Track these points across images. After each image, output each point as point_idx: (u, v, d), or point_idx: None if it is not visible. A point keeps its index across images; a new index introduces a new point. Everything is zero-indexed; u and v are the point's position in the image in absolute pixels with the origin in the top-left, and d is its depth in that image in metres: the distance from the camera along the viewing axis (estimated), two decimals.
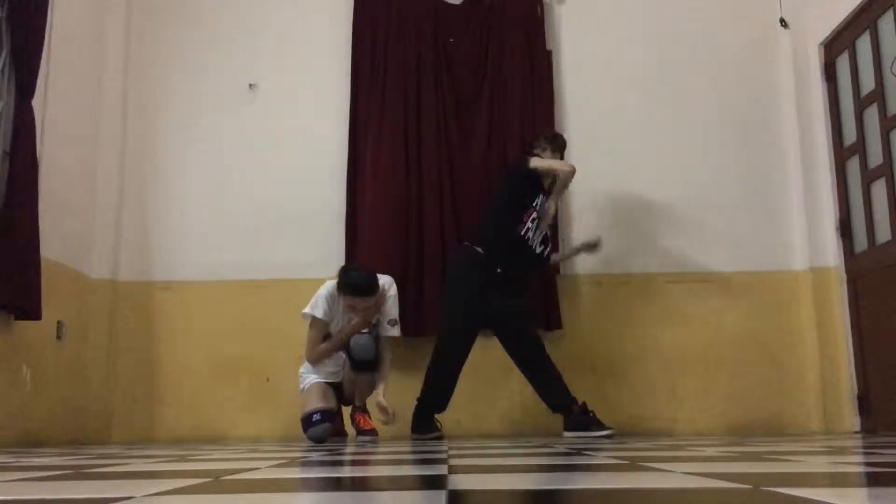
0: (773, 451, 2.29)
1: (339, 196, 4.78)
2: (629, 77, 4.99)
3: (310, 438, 3.65)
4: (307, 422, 3.66)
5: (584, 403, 3.92)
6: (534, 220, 4.07)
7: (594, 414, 3.91)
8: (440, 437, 3.93)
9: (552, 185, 4.16)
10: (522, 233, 4.04)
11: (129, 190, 4.89)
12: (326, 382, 3.87)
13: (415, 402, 4.03)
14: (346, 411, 4.06)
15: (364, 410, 3.93)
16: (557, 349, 4.62)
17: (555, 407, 3.97)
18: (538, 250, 4.10)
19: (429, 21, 4.96)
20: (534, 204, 4.09)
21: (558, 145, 4.26)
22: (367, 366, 3.83)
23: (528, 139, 4.46)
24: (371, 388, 3.92)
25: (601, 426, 3.85)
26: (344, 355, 3.90)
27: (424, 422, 3.98)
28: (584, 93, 4.98)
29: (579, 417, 3.89)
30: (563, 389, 3.95)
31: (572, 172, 4.10)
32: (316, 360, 3.88)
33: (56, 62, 4.25)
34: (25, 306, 3.79)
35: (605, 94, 4.96)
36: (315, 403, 3.70)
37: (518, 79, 4.89)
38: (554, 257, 4.33)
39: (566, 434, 3.88)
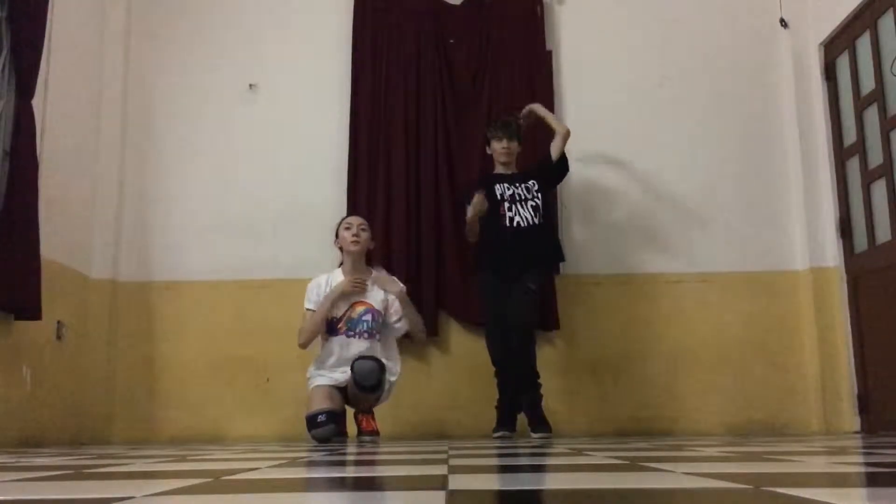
0: (773, 451, 2.29)
1: (340, 196, 4.78)
2: (629, 77, 4.99)
3: (314, 438, 3.66)
4: (312, 422, 3.66)
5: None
6: (510, 207, 4.17)
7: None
8: (503, 437, 4.00)
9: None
10: (508, 225, 4.14)
11: (129, 190, 4.89)
12: (332, 385, 3.87)
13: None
14: (350, 410, 4.05)
15: (368, 412, 3.92)
16: (557, 349, 4.64)
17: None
18: (535, 222, 4.17)
19: (429, 21, 4.96)
20: (499, 196, 4.18)
21: (506, 130, 4.28)
22: (369, 390, 3.75)
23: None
24: (376, 402, 3.90)
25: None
26: (349, 369, 3.87)
27: (499, 419, 4.11)
28: (584, 93, 4.97)
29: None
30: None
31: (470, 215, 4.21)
32: (304, 341, 3.89)
33: (56, 62, 4.25)
34: (25, 306, 3.79)
35: (605, 94, 4.96)
36: (321, 404, 3.71)
37: (518, 79, 4.88)
38: (553, 151, 4.30)
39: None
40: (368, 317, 3.90)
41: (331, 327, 3.92)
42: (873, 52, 4.24)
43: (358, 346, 3.87)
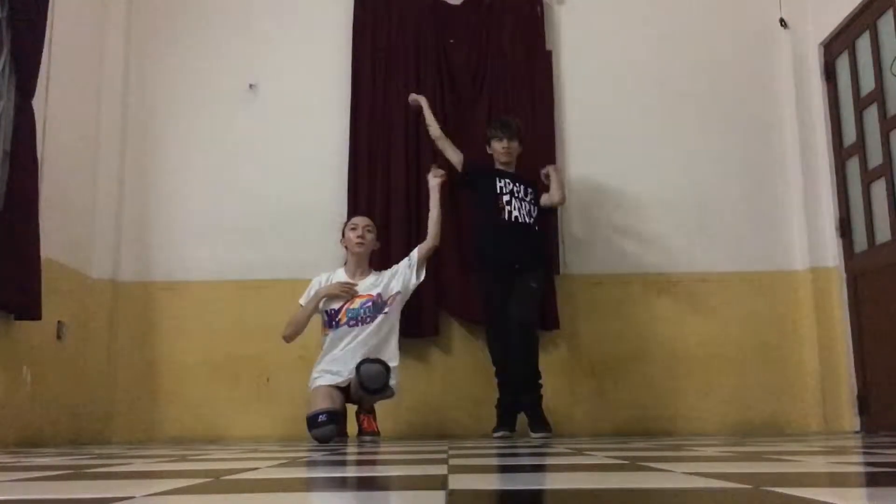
0: (773, 451, 2.29)
1: (340, 196, 4.78)
2: (629, 77, 4.99)
3: (315, 438, 3.66)
4: (313, 422, 3.66)
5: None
6: (509, 201, 4.16)
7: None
8: (503, 437, 4.01)
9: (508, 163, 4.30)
10: (507, 218, 4.14)
11: (129, 190, 4.89)
12: (334, 385, 3.87)
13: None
14: (350, 410, 4.05)
15: (369, 412, 3.93)
16: (557, 349, 4.64)
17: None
18: (531, 222, 4.17)
19: (429, 21, 4.96)
20: (499, 189, 4.18)
21: (507, 130, 4.28)
22: (374, 392, 3.78)
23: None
24: (379, 399, 3.92)
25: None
26: (353, 365, 3.87)
27: (499, 419, 4.12)
28: (584, 93, 4.97)
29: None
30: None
31: (457, 162, 4.33)
32: (286, 334, 3.98)
33: (56, 62, 4.25)
34: (25, 306, 3.79)
35: (605, 95, 4.96)
36: (321, 404, 3.71)
37: (518, 79, 4.88)
38: (544, 200, 4.30)
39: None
40: (369, 304, 3.97)
41: (330, 320, 3.95)
42: (873, 52, 4.24)
43: (362, 332, 3.90)
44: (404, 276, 4.04)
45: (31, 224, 3.84)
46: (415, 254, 4.09)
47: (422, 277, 4.07)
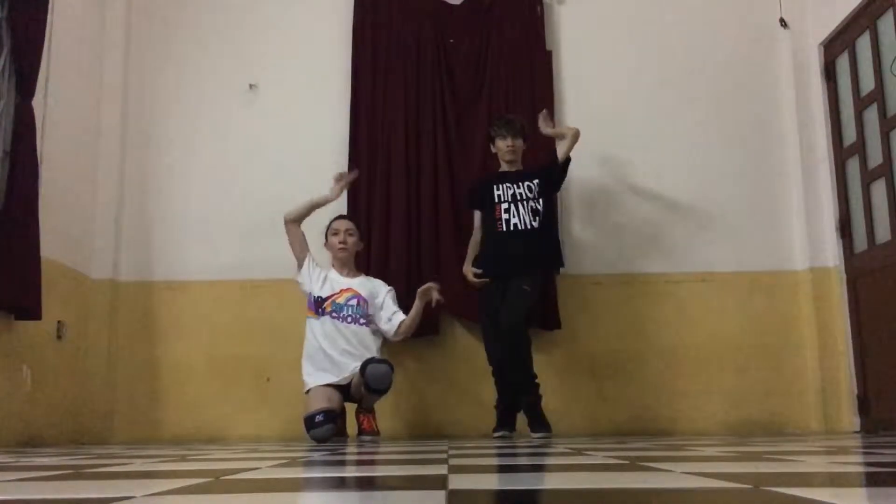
0: (773, 451, 2.29)
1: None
2: (629, 77, 4.99)
3: (313, 438, 3.66)
4: (310, 422, 3.67)
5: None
6: (507, 208, 4.14)
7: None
8: (503, 437, 4.00)
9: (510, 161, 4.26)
10: (503, 228, 4.13)
11: (129, 190, 4.89)
12: (330, 385, 3.88)
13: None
14: (350, 410, 4.05)
15: (369, 411, 3.94)
16: (557, 349, 4.63)
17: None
18: (532, 226, 4.13)
19: (429, 21, 4.96)
20: (497, 198, 4.17)
21: (511, 128, 4.25)
22: (380, 392, 3.85)
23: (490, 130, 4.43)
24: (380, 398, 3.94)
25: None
26: (345, 361, 3.90)
27: (499, 419, 4.11)
28: (584, 93, 4.97)
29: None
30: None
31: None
32: (289, 216, 4.10)
33: (56, 62, 4.25)
34: (25, 306, 3.79)
35: (605, 95, 4.96)
36: (319, 404, 3.72)
37: (518, 79, 4.88)
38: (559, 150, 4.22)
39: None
40: (354, 302, 3.99)
41: (316, 306, 3.99)
42: (873, 52, 4.25)
43: (344, 331, 3.93)
44: (381, 315, 4.06)
45: (31, 224, 3.84)
46: (397, 319, 4.04)
47: (388, 338, 4.09)
